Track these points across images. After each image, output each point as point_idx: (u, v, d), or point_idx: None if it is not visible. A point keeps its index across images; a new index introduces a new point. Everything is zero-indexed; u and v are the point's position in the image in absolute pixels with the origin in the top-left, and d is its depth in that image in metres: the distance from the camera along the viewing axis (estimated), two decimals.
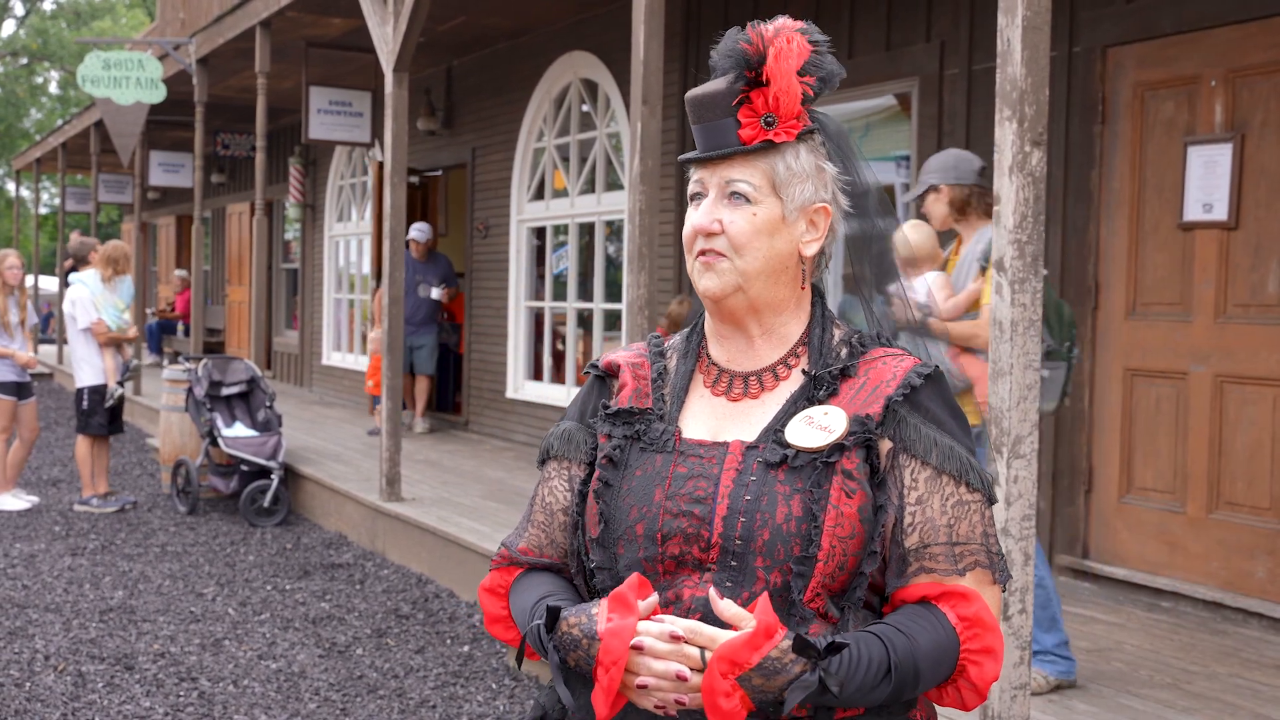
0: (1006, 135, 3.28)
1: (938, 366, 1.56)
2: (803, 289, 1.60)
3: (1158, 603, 5.23)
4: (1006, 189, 3.28)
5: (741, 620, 1.39)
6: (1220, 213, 5.08)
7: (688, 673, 1.38)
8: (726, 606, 1.41)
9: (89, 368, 8.66)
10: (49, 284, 24.90)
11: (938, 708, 1.58)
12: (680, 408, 1.60)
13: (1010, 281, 3.28)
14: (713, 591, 1.43)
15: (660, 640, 1.40)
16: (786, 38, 1.54)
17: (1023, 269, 3.29)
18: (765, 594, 1.41)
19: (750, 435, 1.54)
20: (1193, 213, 5.18)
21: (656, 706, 1.42)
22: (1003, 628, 3.32)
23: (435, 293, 10.98)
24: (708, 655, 1.38)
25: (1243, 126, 5.03)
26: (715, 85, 1.55)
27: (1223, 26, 5.10)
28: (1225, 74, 5.10)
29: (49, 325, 23.16)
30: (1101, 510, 5.54)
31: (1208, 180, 5.13)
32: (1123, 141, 5.47)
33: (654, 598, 1.45)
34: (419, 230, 11.01)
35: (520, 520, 1.70)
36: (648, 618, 1.43)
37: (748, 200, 1.54)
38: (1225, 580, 5.05)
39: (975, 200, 4.29)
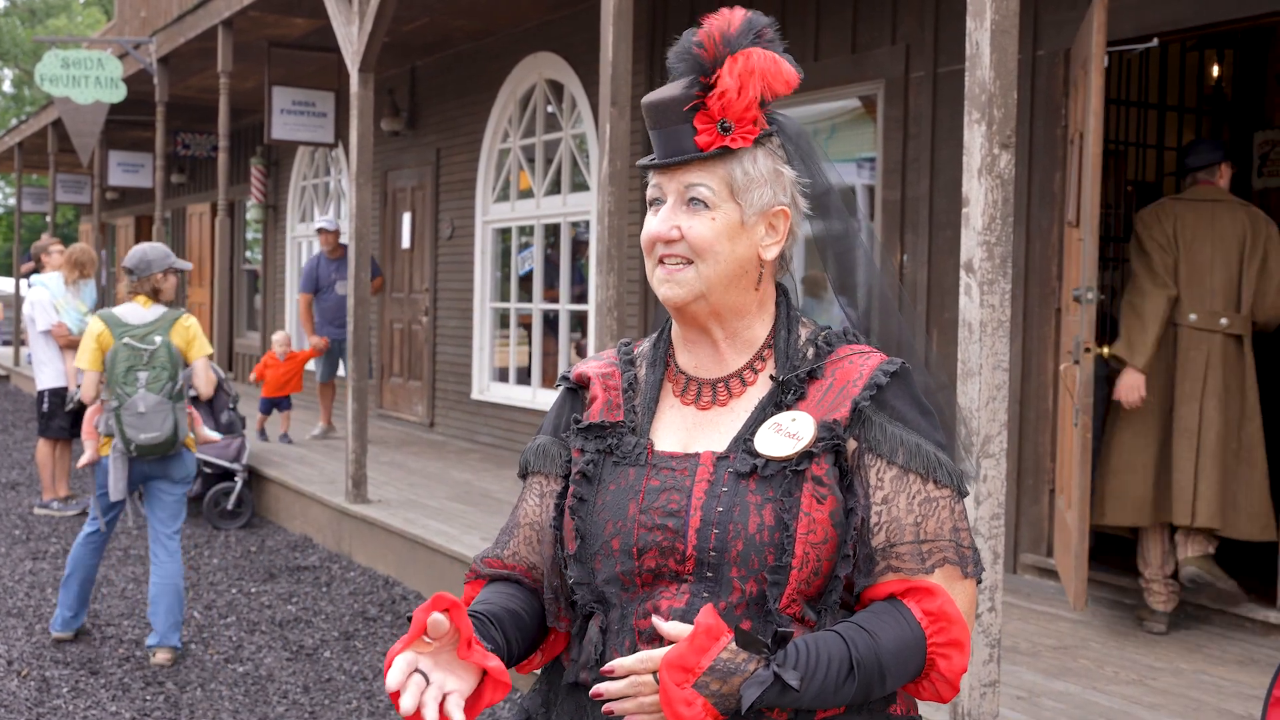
0: (975, 138, 3.31)
1: (904, 363, 1.56)
2: (765, 290, 1.60)
3: (1121, 600, 5.29)
4: (975, 191, 3.31)
5: (685, 634, 1.41)
6: None
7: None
8: (673, 627, 1.42)
9: (50, 370, 8.55)
10: (4, 284, 24.57)
11: (918, 701, 1.58)
12: (651, 419, 1.60)
13: (979, 283, 3.31)
14: (655, 619, 1.45)
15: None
16: (741, 42, 1.51)
17: (991, 270, 3.32)
18: (709, 604, 1.42)
19: (721, 445, 1.54)
20: None
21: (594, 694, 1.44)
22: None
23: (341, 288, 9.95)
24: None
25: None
26: (671, 91, 1.54)
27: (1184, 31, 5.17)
28: None
29: None
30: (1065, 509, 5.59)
31: None
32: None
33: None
34: (328, 220, 10.20)
35: (499, 533, 1.71)
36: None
37: (706, 206, 1.54)
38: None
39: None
